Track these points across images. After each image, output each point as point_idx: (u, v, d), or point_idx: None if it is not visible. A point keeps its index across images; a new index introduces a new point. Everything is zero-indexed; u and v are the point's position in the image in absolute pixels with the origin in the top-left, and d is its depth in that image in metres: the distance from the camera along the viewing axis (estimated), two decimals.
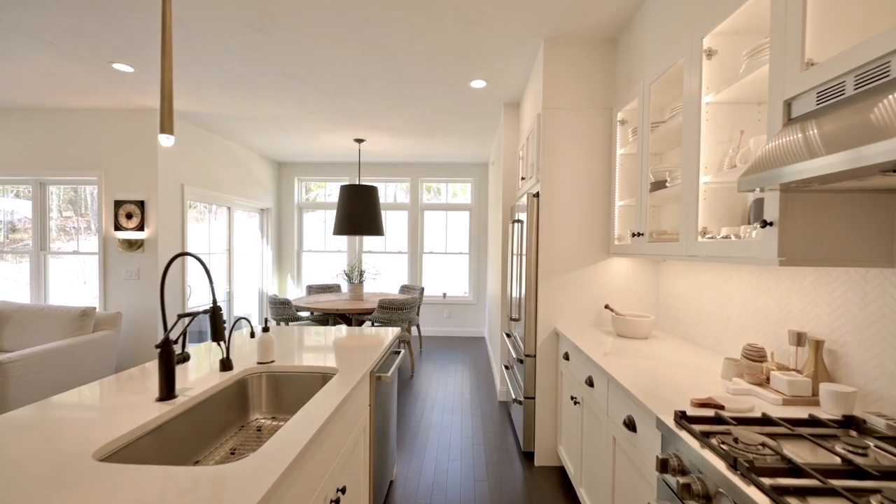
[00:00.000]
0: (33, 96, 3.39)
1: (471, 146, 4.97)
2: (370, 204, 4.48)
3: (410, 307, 4.03)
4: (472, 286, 6.06)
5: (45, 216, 3.90)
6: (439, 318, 6.05)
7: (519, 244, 2.75)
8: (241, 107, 3.63)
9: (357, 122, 4.06)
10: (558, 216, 2.40)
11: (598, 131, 2.38)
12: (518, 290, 2.76)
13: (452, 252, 6.15)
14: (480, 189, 6.03)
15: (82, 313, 3.23)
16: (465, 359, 4.83)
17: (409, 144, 4.91)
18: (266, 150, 5.27)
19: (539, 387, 2.42)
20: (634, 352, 1.82)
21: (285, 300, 3.88)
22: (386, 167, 6.04)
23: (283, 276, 6.15)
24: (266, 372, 1.57)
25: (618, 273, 2.40)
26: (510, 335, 3.19)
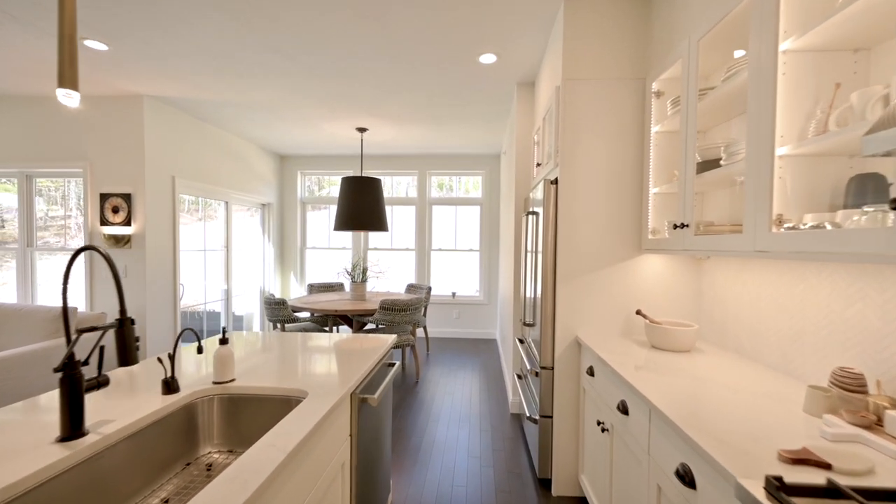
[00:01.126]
0: (11, 82, 3.18)
1: (481, 135, 4.63)
2: (373, 197, 4.19)
3: (415, 308, 3.73)
4: (483, 285, 5.73)
5: (32, 210, 3.71)
6: (448, 318, 5.74)
7: (534, 239, 2.41)
8: (229, 91, 3.36)
9: (358, 109, 3.77)
10: (580, 206, 2.05)
11: (627, 106, 2.03)
12: (533, 291, 2.43)
13: (462, 249, 5.83)
14: (492, 182, 5.68)
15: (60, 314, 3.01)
16: (474, 363, 4.51)
17: (416, 134, 4.60)
18: (266, 141, 5.02)
19: (558, 405, 2.09)
20: (678, 370, 1.48)
21: (281, 300, 3.61)
22: (392, 160, 5.74)
23: (285, 274, 5.91)
24: (221, 394, 1.27)
25: (651, 273, 2.04)
26: (523, 341, 2.86)
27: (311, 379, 1.35)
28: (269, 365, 1.50)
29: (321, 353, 1.69)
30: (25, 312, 3.04)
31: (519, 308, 3.14)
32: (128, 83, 3.18)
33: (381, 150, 5.37)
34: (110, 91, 3.35)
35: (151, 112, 3.50)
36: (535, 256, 2.38)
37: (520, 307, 3.14)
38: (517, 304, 3.16)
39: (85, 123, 3.48)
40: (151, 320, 3.55)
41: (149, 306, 3.51)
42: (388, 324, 3.63)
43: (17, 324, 3.01)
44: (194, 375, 1.37)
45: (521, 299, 2.84)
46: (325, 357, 1.62)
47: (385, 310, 3.59)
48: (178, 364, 1.49)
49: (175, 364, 1.42)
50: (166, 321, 3.72)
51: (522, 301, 2.75)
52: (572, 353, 2.08)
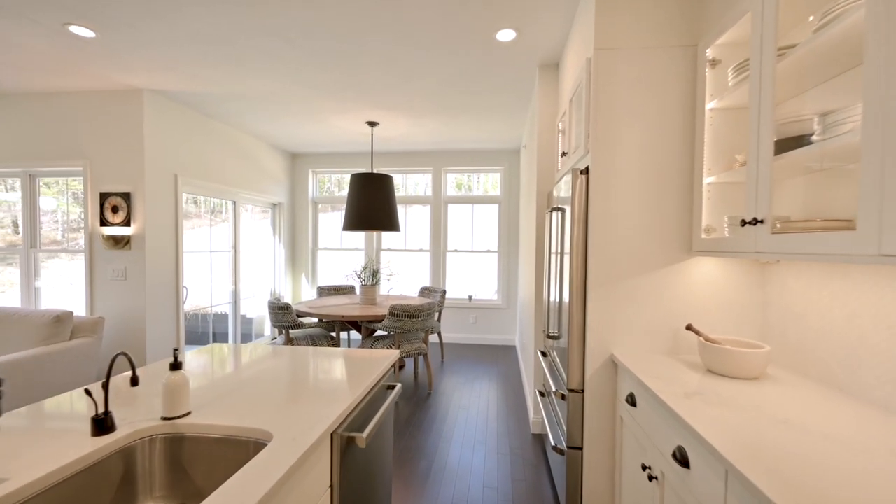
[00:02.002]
0: (10, 78, 3.06)
1: (499, 128, 4.32)
2: (384, 195, 3.94)
3: (427, 314, 3.45)
4: (502, 288, 5.41)
5: (36, 211, 3.62)
6: (464, 323, 5.44)
7: (559, 239, 2.09)
8: (228, 82, 3.16)
9: (366, 100, 3.52)
10: (617, 199, 1.73)
11: (673, 79, 1.69)
12: (558, 298, 2.11)
13: (479, 250, 5.52)
14: (511, 179, 5.36)
15: (55, 319, 2.87)
16: (492, 372, 4.19)
17: (429, 128, 4.32)
18: (275, 138, 4.84)
19: (589, 436, 1.76)
20: (750, 405, 1.14)
21: (285, 305, 3.39)
22: (405, 156, 5.48)
23: (297, 276, 5.74)
24: (169, 434, 1.02)
25: (703, 279, 1.69)
26: (546, 354, 2.54)
27: (282, 413, 1.08)
28: (240, 392, 1.24)
29: (304, 374, 1.42)
30: (19, 318, 2.91)
31: (541, 316, 2.82)
32: (124, 76, 3.02)
33: (393, 146, 5.12)
34: (109, 85, 3.21)
35: (152, 107, 3.34)
36: (560, 259, 2.06)
37: (542, 315, 2.81)
38: (539, 312, 2.83)
39: (85, 120, 3.35)
40: (152, 325, 3.38)
41: (149, 310, 3.35)
42: (398, 331, 3.36)
43: (11, 330, 2.88)
44: (140, 409, 1.12)
45: (544, 307, 2.52)
46: (306, 380, 1.36)
47: (395, 316, 3.33)
48: (118, 396, 1.25)
49: (111, 396, 1.18)
50: (168, 326, 3.56)
51: (545, 309, 2.43)
52: (607, 375, 1.75)
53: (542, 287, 2.81)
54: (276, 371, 1.46)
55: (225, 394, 1.23)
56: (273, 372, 1.45)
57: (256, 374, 1.42)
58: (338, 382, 1.35)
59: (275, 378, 1.39)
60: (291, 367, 1.51)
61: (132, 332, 3.35)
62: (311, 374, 1.44)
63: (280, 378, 1.39)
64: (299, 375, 1.42)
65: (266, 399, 1.19)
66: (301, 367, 1.52)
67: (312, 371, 1.47)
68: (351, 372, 1.47)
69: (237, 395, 1.22)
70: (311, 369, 1.49)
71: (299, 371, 1.47)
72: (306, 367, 1.51)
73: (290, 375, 1.41)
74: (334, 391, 1.26)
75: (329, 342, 3.59)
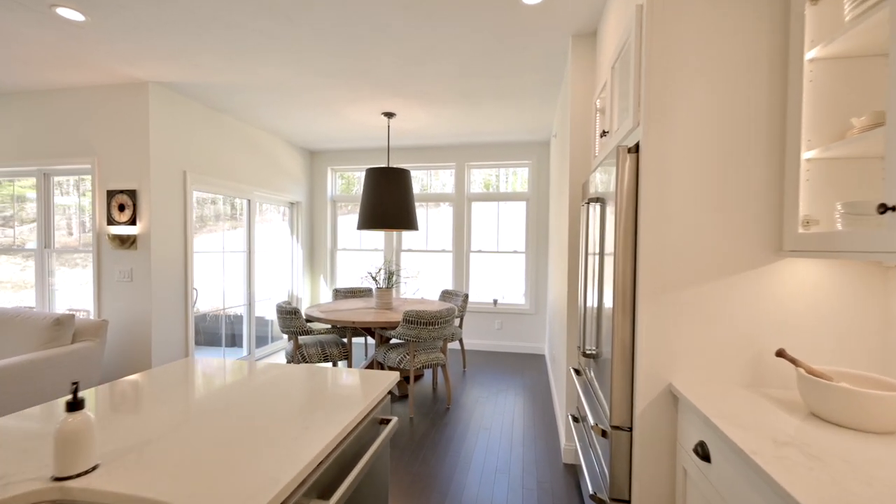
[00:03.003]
0: (19, 74, 2.99)
1: (527, 116, 3.93)
2: (401, 191, 3.64)
3: (444, 321, 3.12)
4: (530, 292, 5.00)
5: (51, 210, 3.56)
6: (489, 329, 5.08)
7: (596, 237, 1.71)
8: (232, 70, 2.96)
9: (381, 87, 3.23)
10: (676, 182, 1.33)
11: (755, 21, 1.28)
12: (596, 307, 1.73)
13: (505, 251, 5.14)
14: (540, 173, 4.95)
15: (56, 322, 2.74)
16: (518, 385, 3.81)
17: (450, 119, 3.99)
18: (291, 134, 4.66)
19: (640, 489, 1.38)
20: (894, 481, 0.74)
21: (292, 309, 3.16)
22: (426, 152, 5.18)
23: (315, 278, 5.56)
24: (57, 502, 0.74)
25: (798, 289, 1.27)
26: (580, 372, 2.15)
27: (218, 473, 0.77)
28: (179, 435, 0.96)
29: (267, 408, 1.12)
30: (21, 320, 2.81)
31: (574, 328, 2.43)
32: (126, 67, 2.87)
33: (413, 140, 4.83)
34: (115, 79, 3.08)
35: (158, 100, 3.19)
36: (599, 261, 1.68)
37: (575, 327, 2.42)
38: (572, 322, 2.44)
39: (93, 116, 3.24)
40: (158, 329, 3.23)
41: (155, 313, 3.20)
42: (413, 339, 3.05)
43: (13, 333, 2.78)
44: (36, 459, 0.85)
45: (578, 317, 2.13)
46: (267, 418, 1.05)
47: (409, 323, 3.02)
48: (25, 437, 0.98)
49: (14, 436, 0.91)
50: (176, 329, 3.40)
51: (579, 320, 2.04)
52: (663, 411, 1.36)
53: (575, 294, 2.42)
54: (237, 402, 1.17)
55: (159, 437, 0.95)
56: (234, 403, 1.16)
57: (208, 407, 1.14)
58: (308, 421, 1.04)
59: (230, 414, 1.09)
60: (256, 397, 1.21)
61: (138, 336, 3.21)
62: (277, 408, 1.14)
63: (236, 413, 1.09)
64: (261, 409, 1.12)
65: (206, 448, 0.89)
66: (268, 396, 1.22)
67: (281, 404, 1.17)
68: (332, 404, 1.16)
69: (174, 439, 0.94)
70: (279, 401, 1.19)
71: (264, 403, 1.17)
72: (274, 398, 1.21)
73: (249, 409, 1.12)
74: (298, 438, 0.96)
75: (340, 350, 3.33)
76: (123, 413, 1.07)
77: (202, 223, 3.94)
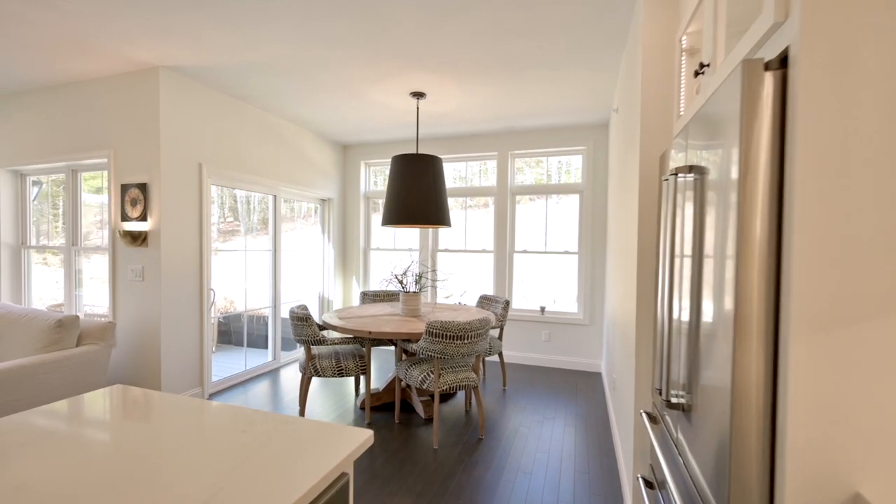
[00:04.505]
0: (28, 63, 2.89)
1: (580, 89, 3.28)
2: (429, 181, 3.16)
3: (477, 335, 2.58)
4: (584, 299, 4.31)
5: (78, 207, 3.50)
6: (534, 340, 4.44)
7: (696, 229, 1.10)
8: (240, 47, 2.64)
9: (403, 57, 2.77)
10: (876, 121, 0.70)
11: None
12: (688, 333, 1.12)
13: (554, 251, 4.48)
14: (597, 161, 4.24)
15: (58, 324, 2.57)
16: (569, 411, 3.17)
17: (489, 98, 3.45)
18: (319, 125, 4.36)
19: None
20: None
21: (304, 315, 2.78)
22: (462, 140, 4.66)
23: (347, 279, 5.24)
24: None
25: None
26: (655, 419, 1.52)
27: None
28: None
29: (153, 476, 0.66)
30: (27, 320, 2.67)
31: (646, 356, 1.79)
32: (128, 47, 2.65)
33: (447, 127, 4.34)
34: (124, 65, 2.89)
35: (169, 86, 2.97)
36: (696, 263, 1.07)
37: (649, 355, 1.78)
38: (643, 348, 1.80)
39: (108, 107, 3.10)
40: (169, 332, 3.01)
41: (165, 315, 2.97)
42: (439, 355, 2.54)
43: (18, 333, 2.65)
44: None
45: (657, 344, 1.51)
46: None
47: (433, 336, 2.52)
48: None
49: None
50: (189, 333, 3.17)
51: (659, 348, 1.42)
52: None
53: (649, 309, 1.78)
54: (111, 472, 0.73)
55: None
56: (104, 473, 0.72)
57: (61, 481, 0.70)
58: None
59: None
60: (141, 471, 0.76)
61: (148, 340, 3.01)
62: (158, 488, 0.67)
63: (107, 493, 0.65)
64: (153, 477, 0.66)
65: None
66: (151, 467, 0.77)
67: (171, 475, 0.70)
68: (254, 490, 0.68)
69: None
70: (170, 480, 0.73)
71: (151, 478, 0.72)
72: (158, 470, 0.76)
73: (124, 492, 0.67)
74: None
75: (357, 363, 2.90)
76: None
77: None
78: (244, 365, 3.90)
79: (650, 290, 1.78)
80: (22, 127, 3.44)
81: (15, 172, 3.67)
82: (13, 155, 3.50)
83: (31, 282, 3.76)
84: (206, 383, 3.30)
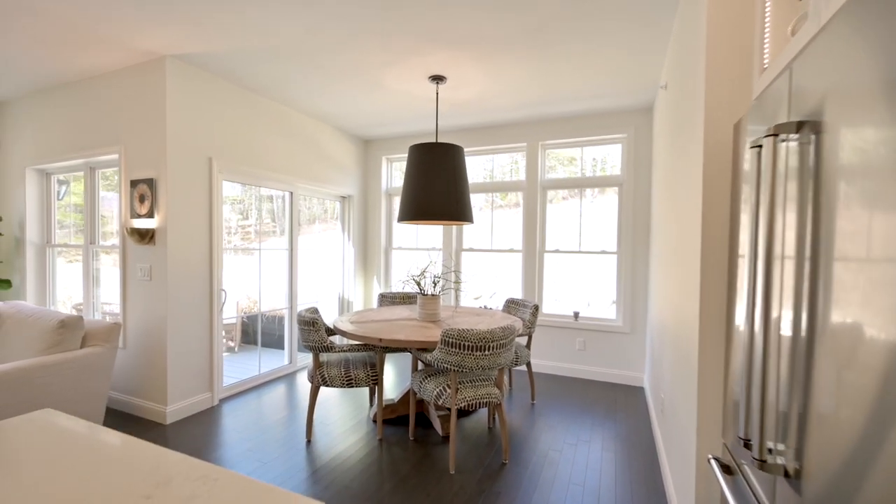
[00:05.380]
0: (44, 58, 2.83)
1: (622, 66, 2.88)
2: (449, 172, 2.87)
3: (500, 345, 2.25)
4: (624, 305, 3.87)
5: (96, 205, 3.46)
6: (567, 349, 4.05)
7: (813, 212, 0.73)
8: (245, 31, 2.45)
9: (421, 36, 2.49)
10: None
11: None
12: (801, 360, 0.75)
13: (590, 251, 4.07)
14: (639, 149, 3.80)
15: (60, 324, 2.47)
16: (607, 432, 2.77)
17: (516, 80, 3.11)
18: (337, 117, 4.17)
19: None
20: None
21: (310, 319, 2.55)
22: (488, 131, 4.33)
23: (368, 279, 5.03)
24: None
25: None
26: (733, 471, 1.15)
27: None
28: None
29: None
30: (33, 320, 2.59)
31: (712, 379, 1.40)
32: (130, 35, 2.52)
33: (470, 116, 4.02)
34: (131, 55, 2.78)
35: (176, 76, 2.83)
36: (811, 265, 0.70)
37: (715, 379, 1.40)
38: (709, 374, 1.42)
39: (118, 101, 3.01)
40: (176, 335, 2.87)
41: (171, 317, 2.84)
42: (456, 368, 2.23)
43: (25, 333, 2.57)
44: None
45: (742, 369, 1.14)
46: None
47: (448, 346, 2.21)
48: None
49: None
50: (198, 335, 3.03)
51: (743, 376, 1.05)
52: None
53: (714, 320, 1.40)
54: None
55: None
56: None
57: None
58: None
59: None
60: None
61: (154, 342, 2.88)
62: None
63: None
64: None
65: None
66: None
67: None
68: None
69: None
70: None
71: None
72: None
73: None
74: None
75: (368, 373, 2.64)
76: None
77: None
78: (258, 369, 3.75)
79: (719, 296, 1.39)
80: (44, 125, 3.44)
81: (41, 171, 3.69)
82: (38, 154, 3.51)
83: (55, 281, 3.77)
84: (216, 388, 3.16)
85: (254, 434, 2.71)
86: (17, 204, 3.69)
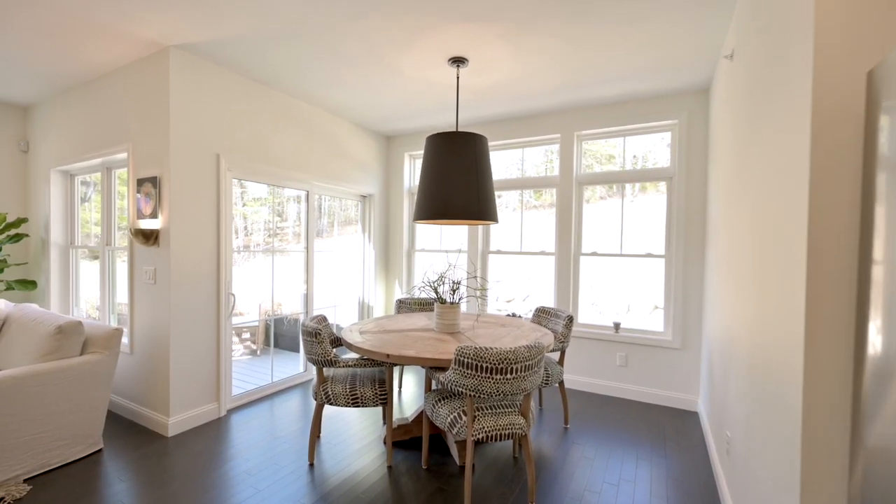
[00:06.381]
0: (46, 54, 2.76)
1: (673, 33, 2.44)
2: (469, 164, 2.53)
3: (524, 368, 1.89)
4: (673, 316, 3.38)
5: (112, 205, 3.39)
6: (607, 364, 3.60)
7: None
8: (243, 11, 2.23)
9: (439, 9, 2.18)
10: None
11: None
12: None
13: (633, 254, 3.60)
14: (691, 137, 3.30)
15: (58, 330, 2.35)
16: (657, 469, 2.33)
17: (546, 60, 2.73)
18: (353, 110, 3.93)
19: None
20: None
21: (313, 330, 2.30)
22: (516, 123, 3.95)
23: (389, 283, 4.78)
24: None
25: None
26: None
27: None
28: None
29: None
30: (36, 323, 2.50)
31: (828, 432, 0.99)
32: (132, 24, 2.37)
33: (497, 106, 3.66)
34: (136, 48, 2.65)
35: (180, 68, 2.68)
36: None
37: (836, 432, 0.98)
38: (817, 416, 1.00)
39: (126, 98, 2.90)
40: (180, 341, 2.72)
41: (174, 322, 2.68)
42: (472, 392, 1.90)
43: (26, 338, 2.48)
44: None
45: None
46: None
47: (463, 367, 1.88)
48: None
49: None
50: (204, 342, 2.87)
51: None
52: None
53: (836, 356, 0.99)
54: None
55: None
56: None
57: None
58: None
59: None
60: None
61: (158, 349, 2.74)
62: None
63: None
64: None
65: None
66: None
67: None
68: None
69: None
70: None
71: None
72: None
73: None
74: None
75: (376, 391, 2.35)
76: None
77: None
78: (271, 377, 3.57)
79: (837, 313, 0.98)
80: (66, 126, 3.42)
81: (64, 173, 3.69)
82: (60, 155, 3.50)
83: (79, 282, 3.77)
84: (223, 398, 2.98)
85: (256, 453, 2.49)
86: (43, 205, 3.71)
